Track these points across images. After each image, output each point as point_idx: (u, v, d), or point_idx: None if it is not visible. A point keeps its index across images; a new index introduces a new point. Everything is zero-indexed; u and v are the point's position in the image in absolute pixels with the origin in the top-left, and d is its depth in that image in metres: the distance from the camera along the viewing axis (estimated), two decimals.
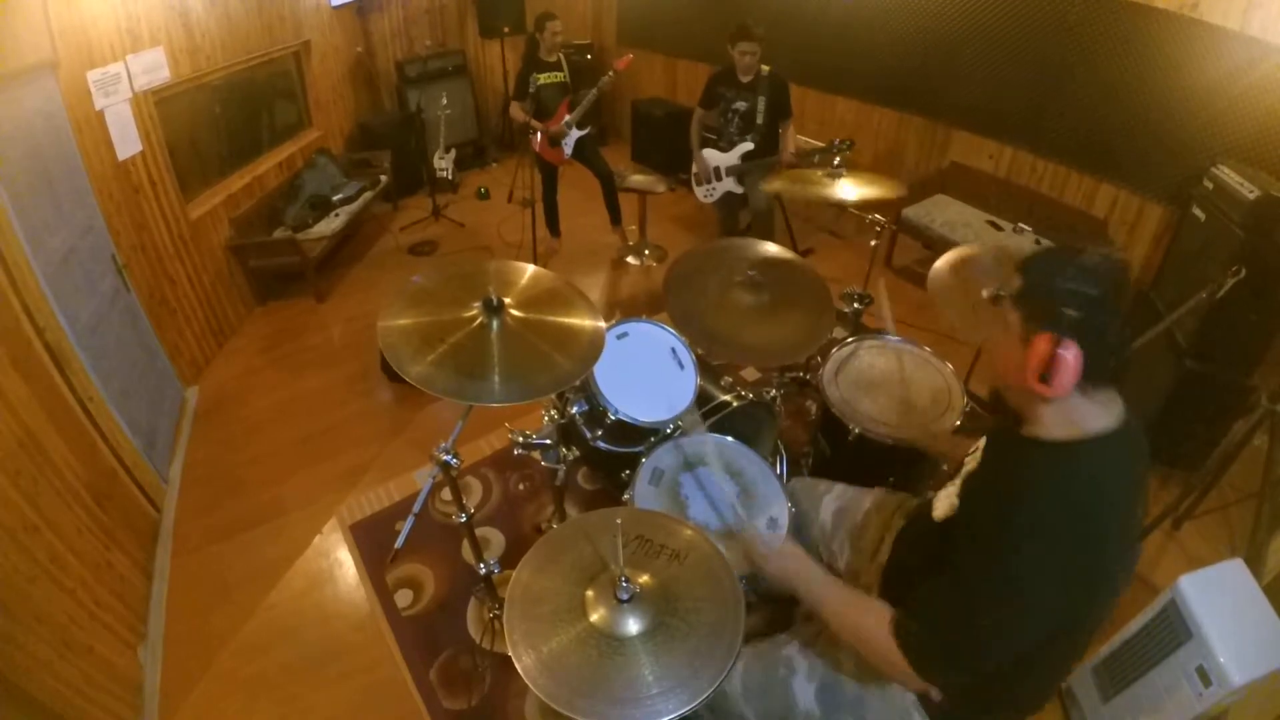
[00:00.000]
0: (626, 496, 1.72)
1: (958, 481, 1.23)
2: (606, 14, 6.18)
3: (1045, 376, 1.00)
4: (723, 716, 1.43)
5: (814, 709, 1.32)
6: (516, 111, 3.99)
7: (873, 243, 2.69)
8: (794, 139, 3.75)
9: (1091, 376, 1.00)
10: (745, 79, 3.62)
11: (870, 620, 1.16)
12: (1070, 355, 0.98)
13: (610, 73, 3.80)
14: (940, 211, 3.90)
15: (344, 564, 2.46)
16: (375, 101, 5.64)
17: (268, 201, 4.13)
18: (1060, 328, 0.99)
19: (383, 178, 4.79)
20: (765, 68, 3.58)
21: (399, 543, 1.70)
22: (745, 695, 1.39)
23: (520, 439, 1.88)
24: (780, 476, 1.87)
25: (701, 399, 1.97)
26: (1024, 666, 1.12)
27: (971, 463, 1.26)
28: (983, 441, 1.28)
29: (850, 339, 2.28)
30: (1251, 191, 2.28)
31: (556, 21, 3.87)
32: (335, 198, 4.36)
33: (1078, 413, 1.04)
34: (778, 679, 1.38)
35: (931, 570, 1.11)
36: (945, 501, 1.23)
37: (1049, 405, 1.05)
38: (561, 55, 3.98)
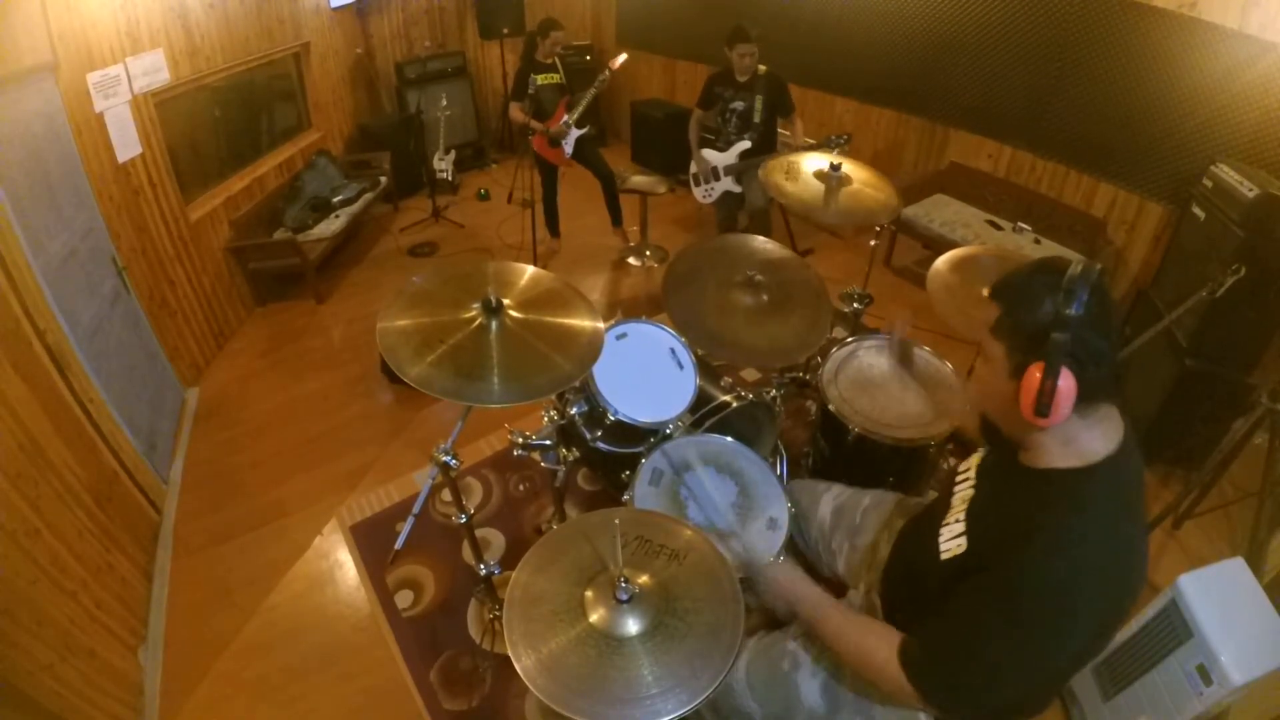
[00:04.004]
0: (626, 497, 1.72)
1: (961, 517, 1.17)
2: (605, 15, 6.19)
3: (1041, 409, 0.94)
4: (726, 710, 1.43)
5: (818, 704, 1.31)
6: (516, 112, 3.99)
7: (872, 243, 2.70)
8: (802, 133, 3.75)
9: (1088, 397, 0.96)
10: (743, 79, 3.62)
11: (876, 647, 1.12)
12: (1065, 383, 0.93)
13: (605, 72, 3.81)
14: (939, 211, 3.91)
15: (344, 565, 2.46)
16: (375, 103, 5.64)
17: (268, 203, 4.14)
18: (1050, 356, 0.93)
19: (383, 179, 4.79)
20: (762, 68, 3.59)
21: (399, 544, 1.71)
22: (750, 689, 1.39)
23: (520, 440, 1.88)
24: (780, 477, 1.87)
25: (701, 399, 1.97)
26: (1039, 686, 1.09)
27: (966, 488, 1.22)
28: (975, 462, 1.26)
29: (850, 339, 2.28)
30: (1250, 190, 2.28)
31: (560, 33, 3.89)
32: (335, 199, 4.37)
33: (1078, 438, 1.00)
34: (782, 673, 1.37)
35: (942, 607, 1.07)
36: (952, 540, 1.15)
37: (1047, 433, 1.01)
38: (556, 58, 4.00)
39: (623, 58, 3.85)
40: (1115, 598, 0.98)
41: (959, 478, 1.28)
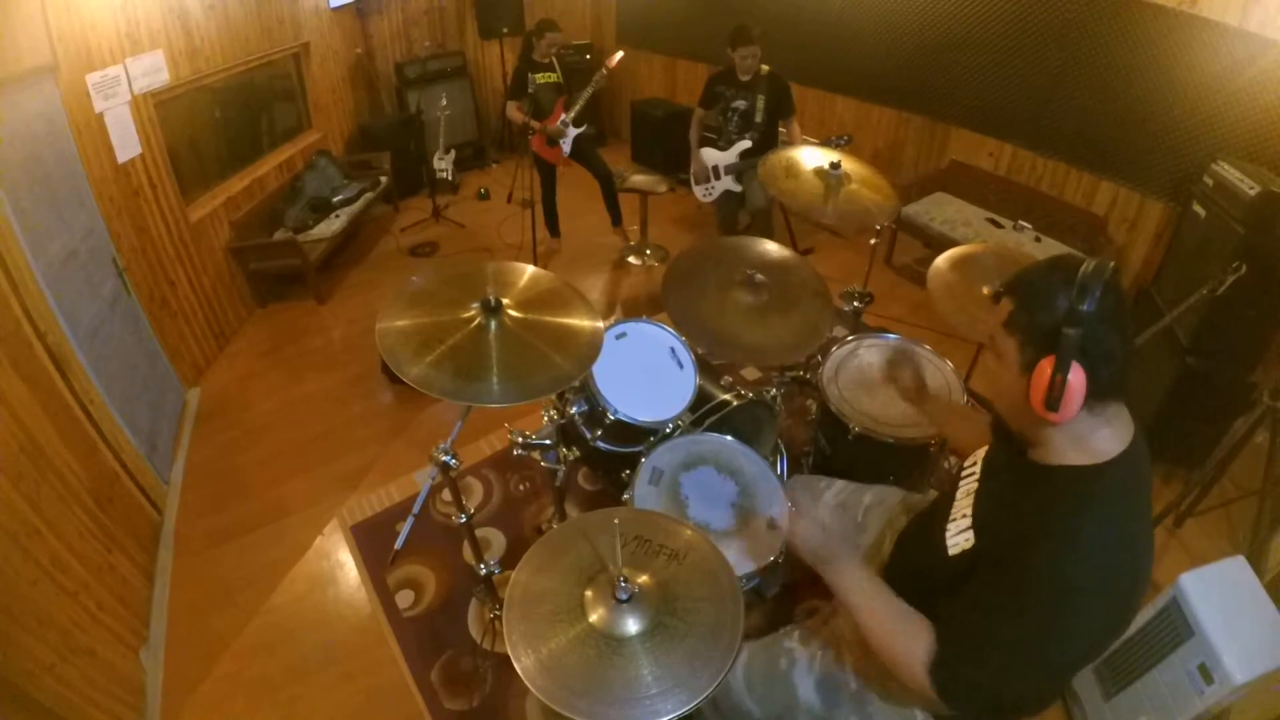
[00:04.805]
0: (626, 496, 1.72)
1: (967, 512, 1.17)
2: (606, 15, 6.18)
3: (1052, 403, 0.95)
4: (726, 709, 1.43)
5: (815, 702, 1.32)
6: (513, 112, 4.00)
7: (872, 241, 2.69)
8: (799, 136, 3.75)
9: (1098, 394, 0.96)
10: (745, 78, 3.62)
11: (908, 644, 1.09)
12: (1075, 379, 0.93)
13: (603, 70, 3.82)
14: (940, 210, 3.90)
15: (345, 565, 2.46)
16: (375, 103, 5.64)
17: (268, 204, 4.14)
18: (1061, 351, 0.93)
19: (383, 179, 4.79)
20: (765, 68, 3.58)
21: (399, 544, 1.71)
22: (748, 687, 1.39)
23: (520, 439, 1.88)
24: (780, 476, 1.87)
25: (701, 398, 1.97)
26: (1045, 684, 1.10)
27: (971, 482, 1.22)
28: (980, 455, 1.26)
29: (850, 338, 2.28)
30: (1251, 188, 2.27)
31: (556, 34, 3.90)
32: (335, 199, 4.37)
33: (1088, 436, 1.00)
34: (779, 671, 1.37)
35: (950, 602, 1.07)
36: (959, 536, 1.15)
37: (1057, 429, 1.01)
38: (554, 57, 4.00)
39: (619, 56, 3.86)
40: (1122, 596, 0.98)
41: (964, 473, 1.27)
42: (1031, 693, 1.09)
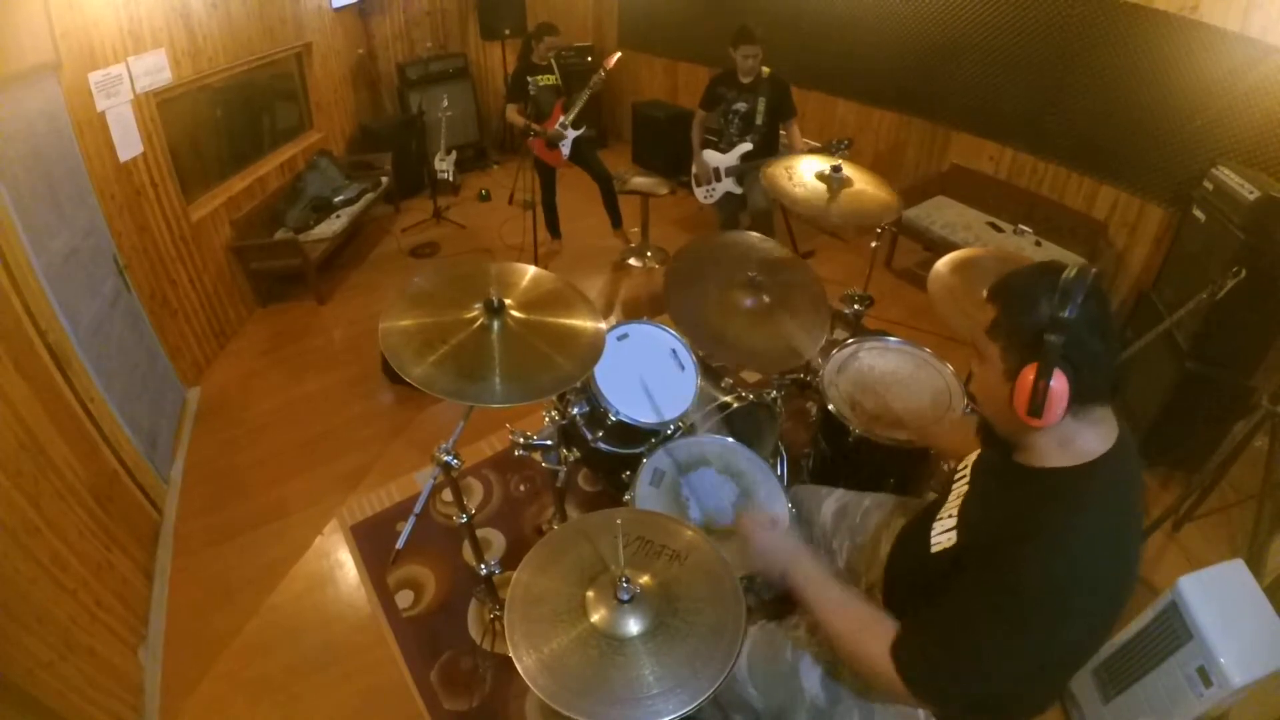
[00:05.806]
0: (627, 498, 1.72)
1: (954, 513, 1.18)
2: (607, 17, 6.19)
3: (1035, 409, 0.96)
4: (726, 700, 1.43)
5: (819, 695, 1.31)
6: (513, 115, 4.01)
7: (873, 244, 2.70)
8: (800, 139, 3.76)
9: (1082, 399, 0.97)
10: (746, 80, 3.63)
11: (870, 639, 1.12)
12: (1058, 384, 0.94)
13: (600, 72, 3.83)
14: (941, 213, 3.91)
15: (345, 565, 2.46)
16: (376, 104, 5.65)
17: (269, 203, 4.14)
18: (1043, 357, 0.94)
19: (384, 179, 4.79)
20: (766, 70, 3.59)
21: (400, 544, 1.71)
22: (751, 675, 1.39)
23: (521, 440, 1.89)
24: (781, 477, 1.87)
25: (702, 400, 1.97)
26: (1032, 685, 1.10)
27: (961, 485, 1.23)
28: (971, 460, 1.27)
29: (851, 340, 2.28)
30: (1251, 193, 2.28)
31: (555, 38, 3.92)
32: (336, 199, 4.37)
33: (1074, 439, 1.01)
34: (785, 661, 1.37)
35: (931, 602, 1.08)
36: (942, 535, 1.17)
37: (1041, 433, 1.02)
38: (552, 59, 4.01)
39: (616, 57, 3.88)
40: (1109, 596, 0.99)
41: (956, 476, 1.29)
42: (1025, 693, 1.09)
